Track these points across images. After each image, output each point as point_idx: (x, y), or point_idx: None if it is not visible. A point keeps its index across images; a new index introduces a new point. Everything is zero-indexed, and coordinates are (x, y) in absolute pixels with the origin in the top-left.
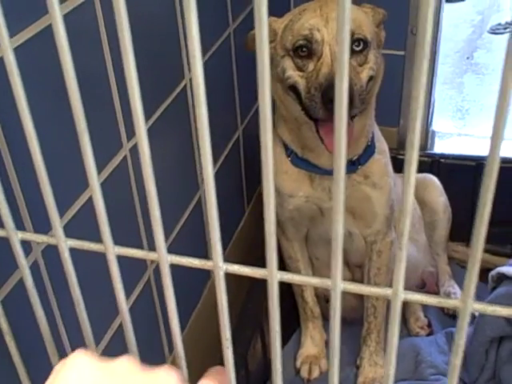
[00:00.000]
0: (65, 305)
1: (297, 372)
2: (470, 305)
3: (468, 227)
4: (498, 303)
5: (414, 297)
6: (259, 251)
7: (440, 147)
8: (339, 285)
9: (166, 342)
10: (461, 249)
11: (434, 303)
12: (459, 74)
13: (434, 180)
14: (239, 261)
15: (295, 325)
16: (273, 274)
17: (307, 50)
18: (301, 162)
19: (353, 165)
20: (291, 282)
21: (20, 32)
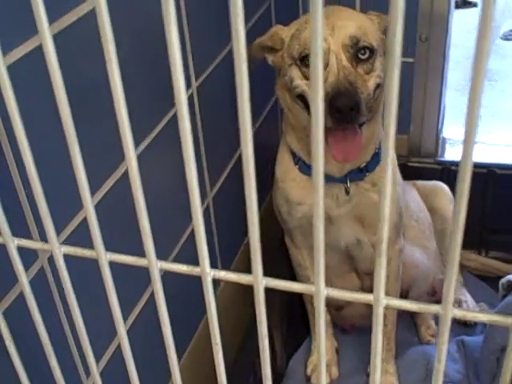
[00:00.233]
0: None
1: (307, 379)
2: (451, 311)
3: (479, 235)
4: (509, 311)
5: (396, 303)
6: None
7: (451, 154)
8: (322, 291)
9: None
10: (473, 257)
11: (415, 309)
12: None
13: (444, 187)
14: (248, 269)
15: (306, 332)
16: (258, 280)
17: None
18: (309, 170)
19: (360, 172)
20: (276, 288)
21: (14, 49)
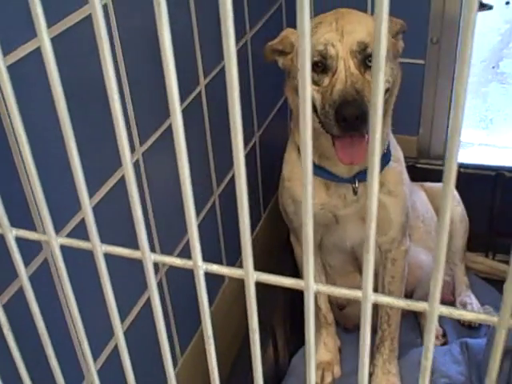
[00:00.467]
0: (79, 302)
1: None
2: (437, 308)
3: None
4: None
5: (384, 299)
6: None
7: (460, 157)
8: (312, 286)
9: (178, 342)
10: (480, 259)
11: (403, 306)
12: (484, 84)
13: None
14: (254, 266)
15: None
16: (249, 275)
17: (322, 66)
18: (317, 170)
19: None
20: (268, 283)
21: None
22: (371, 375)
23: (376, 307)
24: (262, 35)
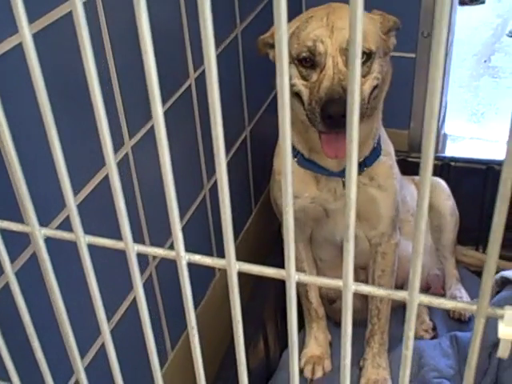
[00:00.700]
0: (68, 297)
1: (300, 371)
2: (417, 297)
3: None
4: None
5: (364, 288)
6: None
7: (452, 150)
8: (293, 275)
9: (168, 338)
10: (470, 253)
11: (384, 295)
12: (476, 78)
13: (442, 183)
14: (246, 259)
15: (300, 325)
16: (231, 265)
17: (311, 61)
18: (307, 164)
19: (359, 166)
20: (250, 273)
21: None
22: (361, 369)
23: (366, 301)
24: (254, 28)
